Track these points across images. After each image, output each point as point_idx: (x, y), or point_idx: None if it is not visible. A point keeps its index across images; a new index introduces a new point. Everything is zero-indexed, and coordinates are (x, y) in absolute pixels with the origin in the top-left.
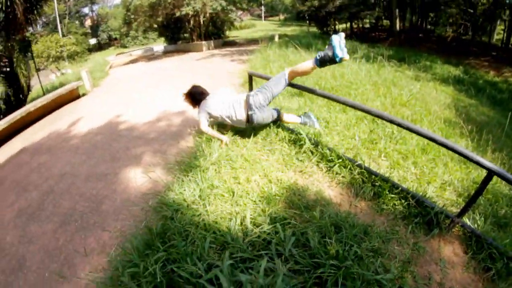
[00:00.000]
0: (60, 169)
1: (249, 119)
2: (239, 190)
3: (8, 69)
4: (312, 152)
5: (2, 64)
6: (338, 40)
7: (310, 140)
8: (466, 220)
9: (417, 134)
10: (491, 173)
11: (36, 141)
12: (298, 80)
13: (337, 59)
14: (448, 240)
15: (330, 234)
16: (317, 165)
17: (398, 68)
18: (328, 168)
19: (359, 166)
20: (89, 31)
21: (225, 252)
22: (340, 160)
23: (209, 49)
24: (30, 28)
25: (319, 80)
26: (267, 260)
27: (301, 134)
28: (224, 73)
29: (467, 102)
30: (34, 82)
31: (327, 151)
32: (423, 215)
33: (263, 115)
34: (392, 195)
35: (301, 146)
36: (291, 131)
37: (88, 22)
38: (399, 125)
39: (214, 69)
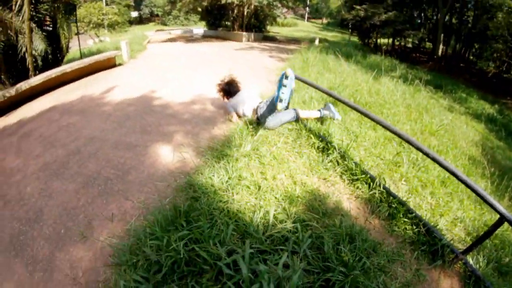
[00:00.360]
0: (89, 132)
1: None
2: (265, 185)
3: (50, 28)
4: (338, 163)
5: (45, 23)
6: (283, 83)
7: (338, 151)
8: (470, 259)
9: (440, 166)
10: (502, 218)
11: (68, 102)
12: (335, 90)
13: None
14: (448, 274)
15: (344, 243)
16: (341, 176)
17: (434, 95)
18: (351, 181)
19: (380, 185)
20: (132, 3)
21: (246, 240)
22: (363, 176)
23: (248, 40)
24: None
25: (354, 93)
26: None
27: (331, 143)
28: (263, 68)
29: (495, 143)
30: (71, 44)
31: (353, 165)
32: (430, 245)
33: (269, 123)
34: (405, 219)
35: (328, 154)
36: (322, 139)
37: None
38: (426, 154)
39: (253, 62)
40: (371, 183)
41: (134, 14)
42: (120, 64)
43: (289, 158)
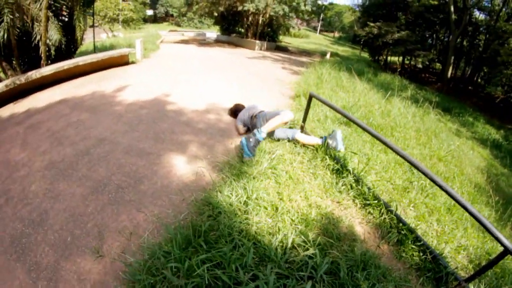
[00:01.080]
0: (100, 133)
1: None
2: (281, 207)
3: (66, 19)
4: (351, 186)
5: (62, 13)
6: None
7: (353, 175)
8: (472, 286)
9: (451, 198)
10: (506, 251)
11: (79, 96)
12: (349, 110)
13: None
14: None
15: (358, 269)
16: (353, 200)
17: (442, 118)
18: (363, 206)
19: (391, 212)
20: (148, 1)
21: (267, 265)
22: (376, 202)
23: (261, 49)
24: None
25: (367, 114)
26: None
27: (346, 167)
28: (275, 80)
29: (500, 170)
30: (85, 36)
31: (366, 190)
32: (435, 272)
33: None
34: (413, 246)
35: (342, 177)
36: (337, 161)
37: None
38: (440, 186)
39: (266, 72)
40: (382, 209)
41: (149, 12)
42: (133, 62)
43: (304, 179)
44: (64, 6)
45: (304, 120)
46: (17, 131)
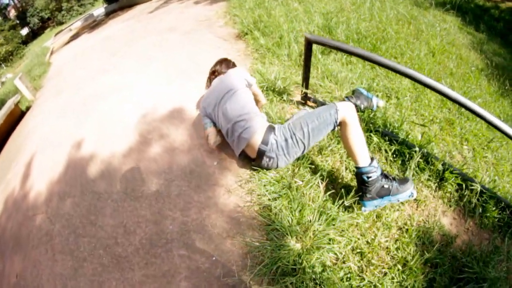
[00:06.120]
0: None
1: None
2: (371, 266)
3: None
4: (419, 168)
5: None
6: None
7: (420, 152)
8: None
9: (497, 129)
10: None
11: None
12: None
13: None
14: None
15: None
16: (427, 184)
17: None
18: (438, 186)
19: (471, 180)
20: (16, 21)
21: None
22: (455, 177)
23: None
24: None
25: (350, 23)
26: None
27: (405, 143)
28: (200, 24)
29: (477, 37)
30: None
31: (440, 167)
32: None
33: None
34: (494, 208)
35: (403, 157)
36: (391, 136)
37: (12, 12)
38: (489, 123)
39: (182, 20)
40: (463, 184)
41: (24, 31)
42: (28, 108)
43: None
44: None
45: (307, 82)
46: None
